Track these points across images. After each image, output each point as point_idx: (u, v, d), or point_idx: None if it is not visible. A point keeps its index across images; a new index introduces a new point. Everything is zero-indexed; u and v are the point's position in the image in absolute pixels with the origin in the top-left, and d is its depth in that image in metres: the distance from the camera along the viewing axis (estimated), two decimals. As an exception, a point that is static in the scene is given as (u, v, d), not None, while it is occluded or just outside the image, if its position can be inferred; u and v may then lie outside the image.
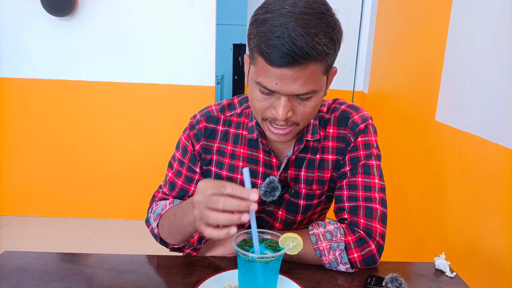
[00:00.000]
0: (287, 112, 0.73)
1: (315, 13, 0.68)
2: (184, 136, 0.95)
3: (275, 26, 0.67)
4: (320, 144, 0.90)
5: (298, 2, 0.68)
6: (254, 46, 0.71)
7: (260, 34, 0.69)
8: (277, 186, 0.85)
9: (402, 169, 1.85)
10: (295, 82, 0.69)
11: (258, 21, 0.70)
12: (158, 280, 0.77)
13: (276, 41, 0.66)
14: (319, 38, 0.67)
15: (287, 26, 0.66)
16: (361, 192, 0.85)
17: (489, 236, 1.10)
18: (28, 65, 2.63)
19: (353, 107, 0.92)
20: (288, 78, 0.69)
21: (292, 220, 0.94)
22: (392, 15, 2.14)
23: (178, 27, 2.62)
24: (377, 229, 0.83)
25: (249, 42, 0.74)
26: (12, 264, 0.80)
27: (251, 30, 0.72)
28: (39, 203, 2.84)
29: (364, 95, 2.63)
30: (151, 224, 0.94)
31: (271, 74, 0.70)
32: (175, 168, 0.96)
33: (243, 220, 0.64)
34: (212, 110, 0.94)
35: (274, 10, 0.68)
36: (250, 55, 0.75)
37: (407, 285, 0.75)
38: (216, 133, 0.93)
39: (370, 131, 0.90)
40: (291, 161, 0.89)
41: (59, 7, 2.45)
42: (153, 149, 2.78)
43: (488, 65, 1.14)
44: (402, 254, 1.79)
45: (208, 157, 0.93)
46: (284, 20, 0.66)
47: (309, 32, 0.66)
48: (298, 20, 0.66)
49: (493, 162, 1.10)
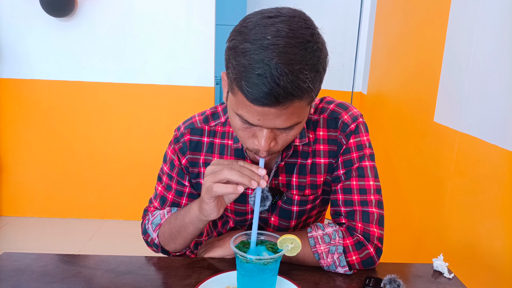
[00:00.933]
0: (269, 143, 0.70)
1: (300, 43, 0.62)
2: (170, 150, 0.93)
3: (256, 62, 0.60)
4: (310, 148, 0.87)
5: (281, 30, 0.61)
6: (233, 78, 0.64)
7: (239, 67, 0.62)
8: (267, 196, 0.85)
9: (400, 170, 1.86)
10: (278, 118, 0.65)
11: (237, 51, 0.63)
12: (157, 281, 0.77)
13: (257, 80, 0.60)
14: (304, 74, 0.61)
15: (269, 63, 0.59)
16: (356, 196, 0.84)
17: (488, 237, 1.10)
18: (27, 66, 2.63)
19: (342, 105, 0.89)
20: (271, 114, 0.64)
21: (285, 226, 0.93)
22: (391, 16, 2.14)
23: (177, 28, 2.62)
24: (375, 233, 0.82)
25: (227, 69, 0.67)
26: (11, 265, 0.80)
27: (229, 56, 0.65)
28: (38, 204, 2.83)
29: (363, 96, 2.64)
30: (151, 234, 0.93)
31: (252, 110, 0.65)
32: (165, 182, 0.95)
33: (252, 185, 0.68)
34: (195, 122, 0.92)
35: (255, 40, 0.61)
36: (229, 84, 0.68)
37: (405, 286, 0.75)
38: (202, 145, 0.91)
39: (362, 131, 0.87)
40: (280, 167, 0.87)
41: (58, 8, 2.45)
42: (152, 150, 2.78)
43: (486, 67, 1.15)
44: (400, 255, 1.79)
45: (195, 170, 0.92)
46: (266, 55, 0.60)
47: (293, 69, 0.60)
48: (281, 55, 0.60)
49: (491, 163, 1.10)
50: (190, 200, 0.92)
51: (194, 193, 0.93)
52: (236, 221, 0.95)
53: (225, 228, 0.98)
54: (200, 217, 0.80)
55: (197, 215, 0.80)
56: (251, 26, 0.64)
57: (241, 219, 0.94)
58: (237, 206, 0.92)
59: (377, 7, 2.41)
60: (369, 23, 2.57)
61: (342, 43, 2.65)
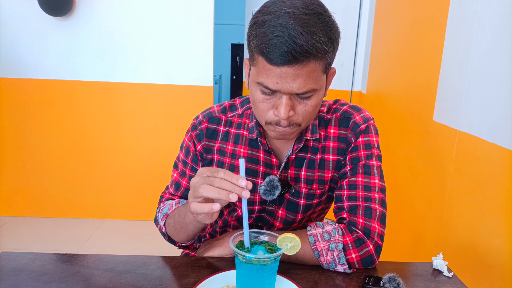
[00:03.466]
0: (289, 111, 0.74)
1: (313, 13, 0.69)
2: (187, 137, 0.97)
3: (274, 26, 0.68)
4: (320, 144, 0.90)
5: (296, 4, 0.70)
6: (254, 47, 0.72)
7: (260, 34, 0.70)
8: (276, 185, 0.86)
9: (400, 169, 1.86)
10: (295, 80, 0.70)
11: (257, 23, 0.71)
12: (156, 280, 0.76)
13: (276, 40, 0.67)
14: (318, 36, 0.68)
15: (287, 25, 0.67)
16: (361, 192, 0.85)
17: (487, 236, 1.10)
18: (25, 65, 2.62)
19: (355, 107, 0.92)
20: (288, 76, 0.70)
21: (292, 219, 0.94)
22: (390, 15, 2.14)
23: (176, 27, 2.61)
24: (376, 229, 0.82)
25: (249, 44, 0.75)
26: (9, 265, 0.80)
27: (250, 32, 0.73)
28: (36, 203, 2.83)
29: (362, 95, 2.63)
30: (159, 223, 0.96)
31: (272, 73, 0.71)
32: (180, 169, 0.98)
33: (231, 198, 0.65)
34: (214, 111, 0.95)
35: (273, 11, 0.70)
36: (250, 57, 0.76)
37: (405, 285, 0.75)
38: (218, 134, 0.94)
39: (372, 132, 0.90)
40: (291, 160, 0.90)
41: (56, 7, 2.44)
42: (151, 149, 2.78)
43: (486, 65, 1.15)
44: (400, 254, 1.79)
45: (209, 157, 0.94)
46: (283, 20, 0.68)
47: (308, 30, 0.67)
48: (297, 19, 0.67)
49: (491, 162, 1.10)
50: None
51: None
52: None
53: (231, 216, 0.98)
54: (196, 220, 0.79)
55: (192, 218, 0.80)
56: (269, 3, 0.73)
57: (249, 209, 0.94)
58: None
59: (376, 6, 2.41)
60: (368, 22, 2.57)
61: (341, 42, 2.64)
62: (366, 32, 2.58)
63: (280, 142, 0.91)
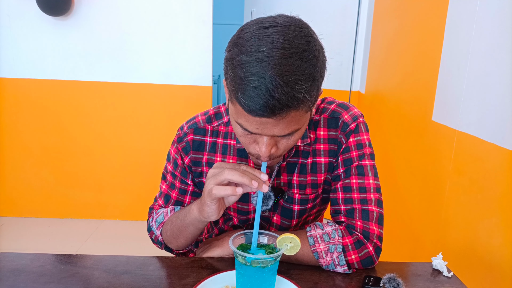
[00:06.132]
0: (270, 149, 0.71)
1: (295, 53, 0.62)
2: (173, 149, 0.94)
3: (251, 75, 0.61)
4: (311, 147, 0.88)
5: (276, 42, 0.62)
6: (231, 89, 0.66)
7: (236, 79, 0.63)
8: (269, 195, 0.86)
9: (399, 169, 1.86)
10: (276, 126, 0.66)
11: (233, 63, 0.64)
12: (155, 281, 0.76)
13: (253, 93, 0.61)
14: (299, 85, 0.61)
15: (264, 76, 0.60)
16: (356, 194, 0.84)
17: (486, 236, 1.11)
18: (23, 65, 2.61)
19: (343, 105, 0.90)
20: (269, 124, 0.65)
21: (287, 225, 0.93)
22: (389, 15, 2.15)
23: (175, 27, 2.61)
24: (374, 231, 0.82)
25: (226, 79, 0.69)
26: (8, 265, 0.80)
27: (226, 67, 0.67)
28: (35, 204, 2.82)
29: (361, 95, 2.64)
30: (154, 232, 0.94)
31: (251, 120, 0.66)
32: (169, 180, 0.96)
33: (253, 184, 0.68)
34: (199, 121, 0.92)
35: (251, 52, 0.62)
36: (228, 92, 0.69)
37: (404, 285, 0.75)
38: (205, 145, 0.91)
39: (362, 130, 0.88)
40: (282, 167, 0.88)
41: (54, 7, 2.44)
42: (149, 149, 2.77)
43: (484, 65, 1.15)
44: (399, 254, 1.79)
45: (198, 170, 0.92)
46: (261, 68, 0.61)
47: (287, 81, 0.60)
48: (276, 67, 0.60)
49: (489, 162, 1.10)
50: (194, 199, 0.93)
51: (197, 191, 0.94)
52: (239, 220, 0.95)
53: (227, 224, 0.98)
54: (200, 218, 0.80)
55: (196, 217, 0.80)
56: (247, 37, 0.64)
57: (243, 218, 0.94)
58: (240, 205, 0.92)
59: (375, 6, 2.41)
60: (367, 21, 2.57)
61: (340, 42, 2.65)
62: (365, 32, 2.59)
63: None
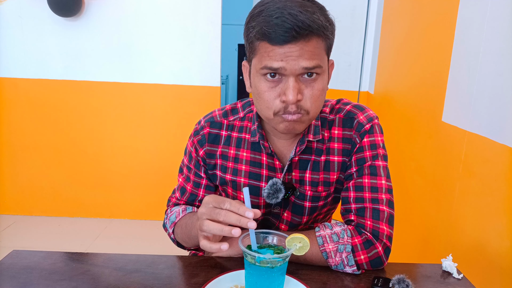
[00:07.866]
0: (297, 93, 0.73)
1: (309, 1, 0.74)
2: (190, 142, 0.97)
3: (272, 11, 0.71)
4: (325, 146, 0.89)
5: None
6: (254, 36, 0.73)
7: (259, 22, 0.72)
8: (280, 188, 0.86)
9: (408, 170, 1.84)
10: (301, 57, 0.71)
11: (254, 15, 0.74)
12: (164, 280, 0.77)
13: (277, 21, 0.69)
14: (316, 15, 0.71)
15: (285, 8, 0.70)
16: (367, 194, 0.84)
17: (497, 238, 1.09)
18: (35, 66, 2.65)
19: (358, 107, 0.91)
20: (293, 54, 0.71)
21: (297, 222, 0.94)
22: (398, 15, 2.13)
23: (183, 27, 2.62)
24: (384, 231, 0.82)
25: (247, 38, 0.76)
26: (21, 263, 0.81)
27: (247, 26, 0.75)
28: (45, 202, 2.85)
29: (370, 96, 2.62)
30: (168, 229, 0.97)
31: (275, 54, 0.71)
32: (185, 174, 0.99)
33: (233, 233, 0.67)
34: (215, 116, 0.95)
35: (269, 1, 0.73)
36: (250, 52, 0.77)
37: (414, 286, 0.74)
38: (220, 138, 0.93)
39: (376, 131, 0.88)
40: (294, 163, 0.89)
41: (65, 8, 2.47)
42: (159, 149, 2.79)
43: (495, 66, 1.14)
44: (409, 255, 1.78)
45: (212, 162, 0.94)
46: (280, 5, 0.71)
47: (306, 10, 0.70)
48: (293, 2, 0.71)
49: (500, 163, 1.09)
50: (208, 192, 0.96)
51: (211, 185, 0.97)
52: None
53: None
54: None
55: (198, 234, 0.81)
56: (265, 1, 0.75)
57: None
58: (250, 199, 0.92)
59: (384, 6, 2.40)
60: (376, 22, 2.56)
61: (349, 42, 2.64)
62: (374, 32, 2.57)
63: (283, 145, 0.90)
